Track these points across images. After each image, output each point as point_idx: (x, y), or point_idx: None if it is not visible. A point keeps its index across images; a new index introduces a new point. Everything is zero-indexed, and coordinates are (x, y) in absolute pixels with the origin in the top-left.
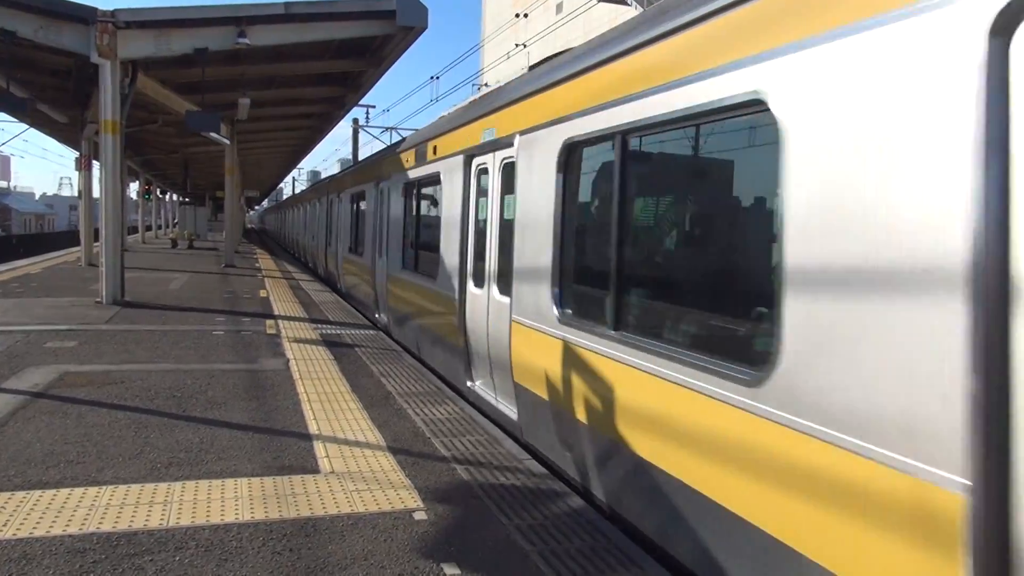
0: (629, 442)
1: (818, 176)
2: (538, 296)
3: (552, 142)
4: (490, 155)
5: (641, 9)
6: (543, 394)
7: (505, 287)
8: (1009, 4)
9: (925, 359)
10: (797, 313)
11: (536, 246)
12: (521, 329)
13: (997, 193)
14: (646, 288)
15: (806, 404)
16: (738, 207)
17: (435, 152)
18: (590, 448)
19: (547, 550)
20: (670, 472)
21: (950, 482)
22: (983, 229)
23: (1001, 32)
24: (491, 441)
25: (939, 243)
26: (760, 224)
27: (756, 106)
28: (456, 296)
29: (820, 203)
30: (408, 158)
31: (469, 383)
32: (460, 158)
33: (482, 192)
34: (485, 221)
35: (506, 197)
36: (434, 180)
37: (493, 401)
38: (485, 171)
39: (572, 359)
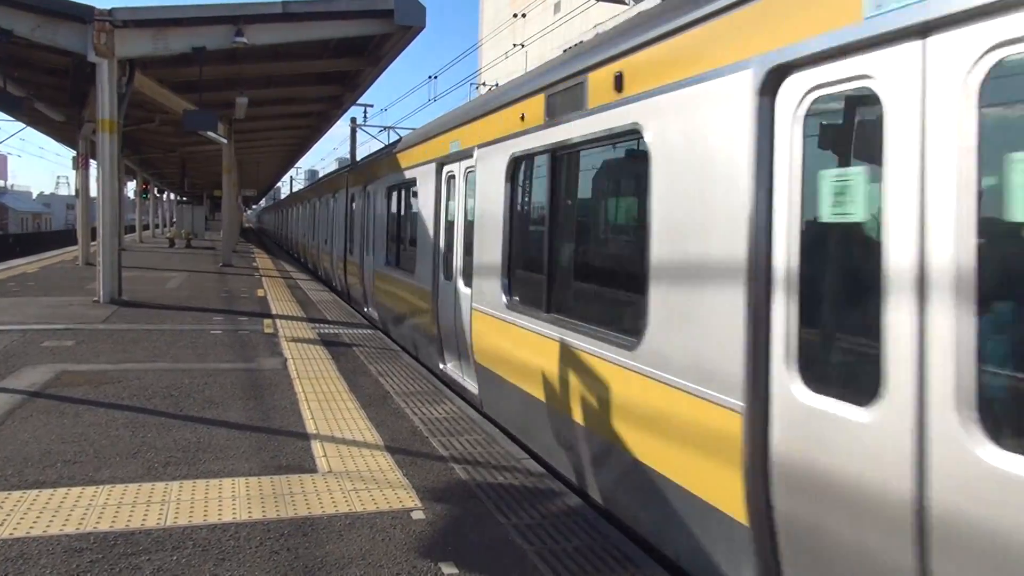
0: (553, 402)
1: (669, 192)
2: (492, 286)
3: (501, 156)
4: (456, 164)
5: (637, 9)
6: (496, 370)
7: (468, 279)
8: (768, 74)
9: (723, 326)
10: (656, 298)
11: (491, 243)
12: (479, 315)
13: (765, 210)
14: (569, 278)
15: (660, 361)
16: (628, 214)
17: (412, 159)
18: (529, 412)
19: (545, 549)
20: (577, 420)
21: (735, 404)
22: (754, 236)
23: (767, 92)
24: (489, 440)
25: (731, 246)
26: (638, 229)
27: (635, 135)
28: (430, 288)
29: (670, 214)
30: (391, 164)
31: (441, 365)
32: (432, 166)
33: (450, 196)
34: (452, 222)
35: (468, 200)
36: (412, 184)
37: (460, 379)
38: (453, 177)
39: (517, 338)
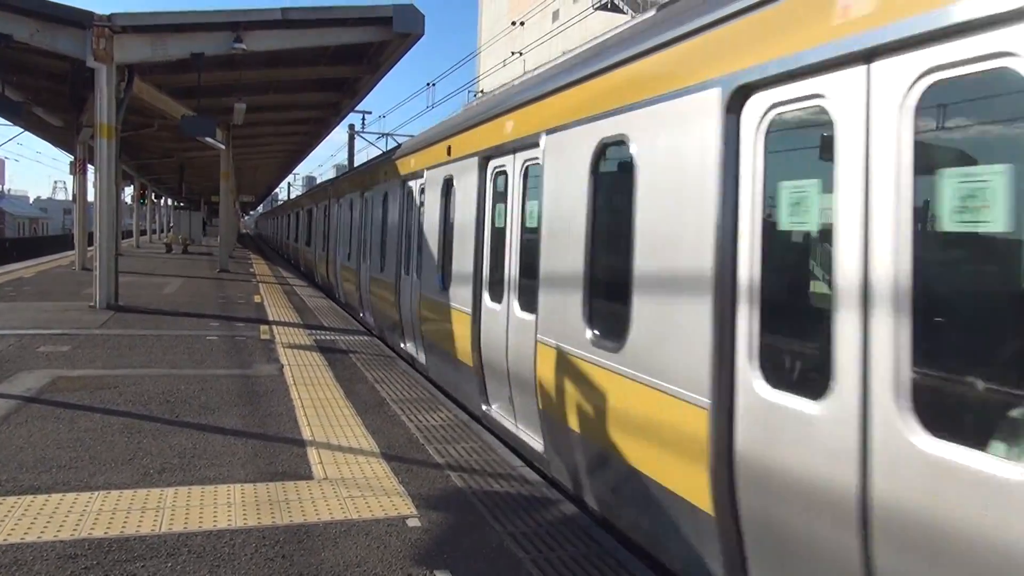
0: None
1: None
2: (430, 275)
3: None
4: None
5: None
6: (433, 342)
7: (414, 270)
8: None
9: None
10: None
11: (429, 241)
12: (425, 300)
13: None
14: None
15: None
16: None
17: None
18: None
19: (540, 557)
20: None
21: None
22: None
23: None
24: (485, 448)
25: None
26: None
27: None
28: (394, 282)
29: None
30: (378, 174)
31: (402, 344)
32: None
33: (420, 203)
34: (417, 225)
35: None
36: (444, 184)
37: (413, 353)
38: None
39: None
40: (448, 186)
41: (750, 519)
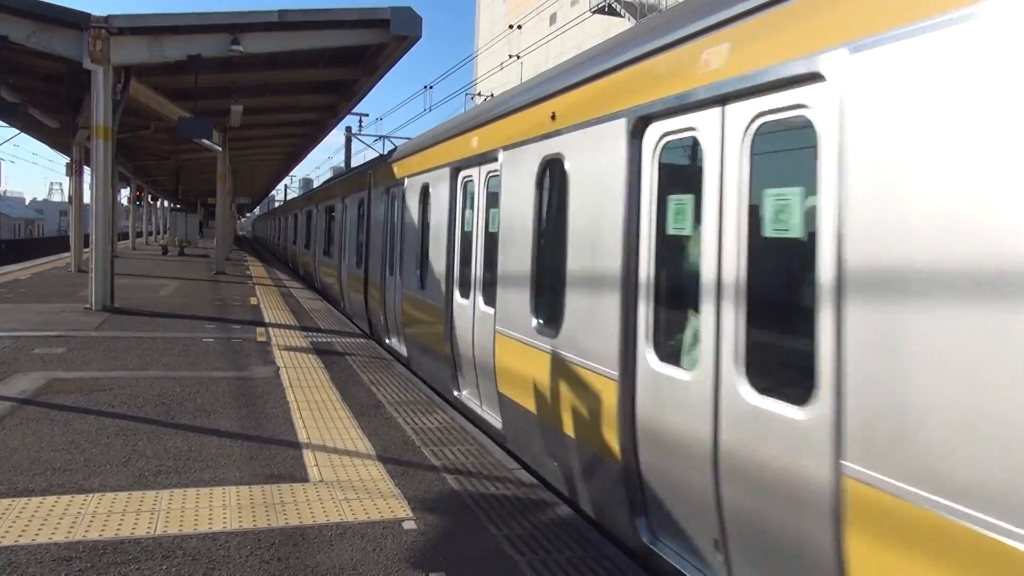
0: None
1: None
2: (380, 265)
3: (417, 182)
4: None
5: (634, 21)
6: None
7: (375, 264)
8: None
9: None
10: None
11: (381, 240)
12: (371, 286)
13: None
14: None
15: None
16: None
17: (374, 180)
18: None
19: (536, 560)
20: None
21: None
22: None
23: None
24: (481, 451)
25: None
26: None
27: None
28: (362, 274)
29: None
30: (363, 181)
31: (345, 306)
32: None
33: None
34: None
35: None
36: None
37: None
38: (394, 195)
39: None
40: (425, 193)
41: (647, 466)
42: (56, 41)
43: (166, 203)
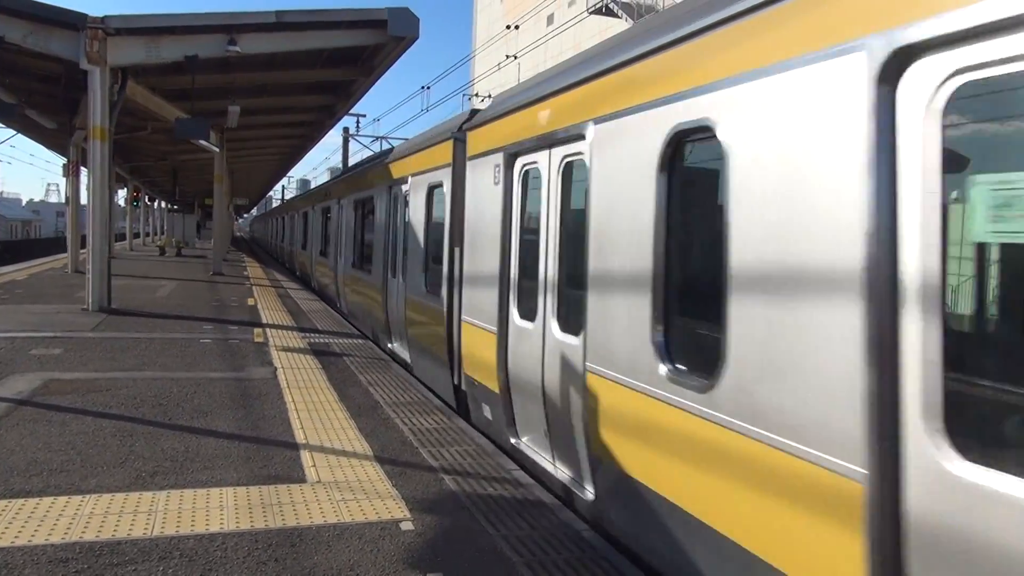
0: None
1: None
2: (346, 256)
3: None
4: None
5: (631, 22)
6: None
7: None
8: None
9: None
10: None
11: (347, 239)
12: (348, 276)
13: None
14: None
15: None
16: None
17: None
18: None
19: (534, 561)
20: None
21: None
22: (503, 250)
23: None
24: (479, 452)
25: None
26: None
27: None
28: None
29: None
30: (347, 185)
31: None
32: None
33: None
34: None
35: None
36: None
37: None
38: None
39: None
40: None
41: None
42: (52, 42)
43: (163, 204)
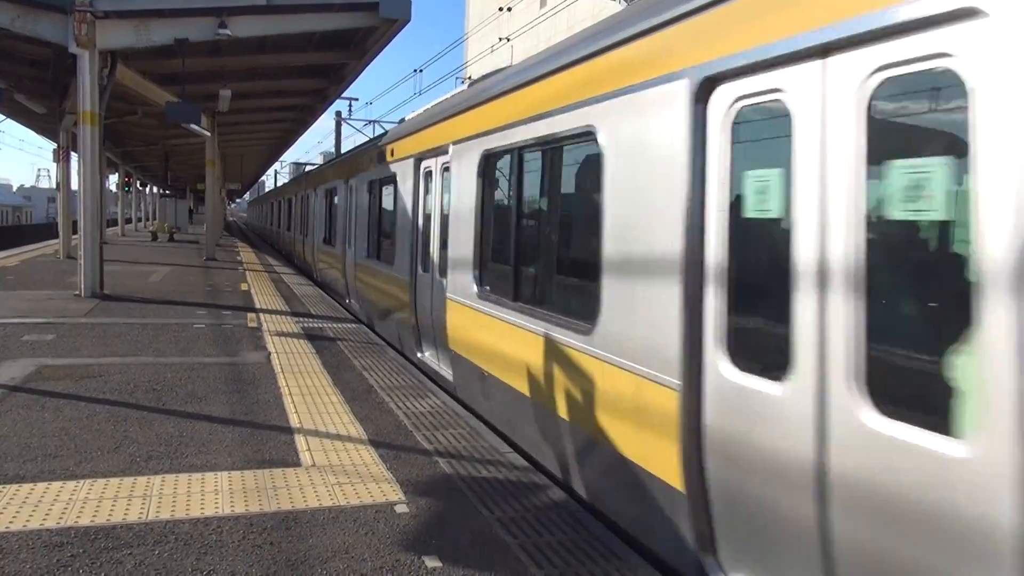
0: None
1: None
2: (321, 236)
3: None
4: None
5: (625, 3)
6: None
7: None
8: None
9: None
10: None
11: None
12: (321, 253)
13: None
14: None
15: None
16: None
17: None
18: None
19: (529, 542)
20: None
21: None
22: (476, 233)
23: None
24: (473, 434)
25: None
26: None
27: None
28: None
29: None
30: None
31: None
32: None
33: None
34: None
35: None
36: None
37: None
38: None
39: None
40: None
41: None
42: (41, 25)
43: (155, 189)
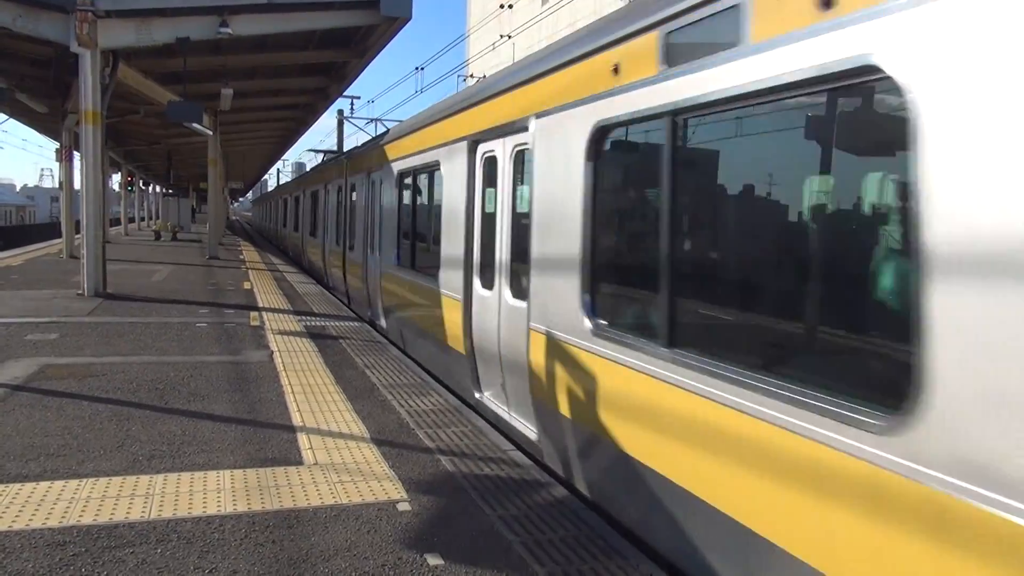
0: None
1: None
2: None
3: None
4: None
5: (624, 0)
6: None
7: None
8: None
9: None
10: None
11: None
12: (316, 249)
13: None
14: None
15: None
16: (435, 215)
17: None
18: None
19: (531, 540)
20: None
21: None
22: (468, 221)
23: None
24: (475, 432)
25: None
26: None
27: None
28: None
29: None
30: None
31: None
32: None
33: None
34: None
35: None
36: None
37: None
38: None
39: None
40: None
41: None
42: (42, 25)
43: (158, 188)
